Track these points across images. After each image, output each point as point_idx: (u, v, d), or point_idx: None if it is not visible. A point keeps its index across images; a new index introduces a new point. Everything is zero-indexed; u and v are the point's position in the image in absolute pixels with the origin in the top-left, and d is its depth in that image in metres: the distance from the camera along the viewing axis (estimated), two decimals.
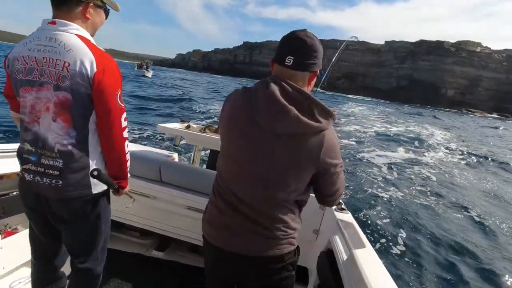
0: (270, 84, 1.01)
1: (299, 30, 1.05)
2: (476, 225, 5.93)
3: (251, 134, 1.03)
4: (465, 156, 13.33)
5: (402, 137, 16.52)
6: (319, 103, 1.00)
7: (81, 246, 1.35)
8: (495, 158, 13.47)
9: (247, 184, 1.08)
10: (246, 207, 1.09)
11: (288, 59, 1.01)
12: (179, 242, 2.34)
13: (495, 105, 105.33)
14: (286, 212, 1.10)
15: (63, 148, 1.17)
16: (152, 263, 2.29)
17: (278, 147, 1.01)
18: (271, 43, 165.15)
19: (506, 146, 19.48)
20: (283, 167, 1.03)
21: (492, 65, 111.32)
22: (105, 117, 1.18)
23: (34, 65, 1.12)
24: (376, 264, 1.24)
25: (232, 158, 1.10)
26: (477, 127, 35.16)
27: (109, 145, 1.24)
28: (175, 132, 2.49)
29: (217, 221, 1.16)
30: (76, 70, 1.11)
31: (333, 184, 1.12)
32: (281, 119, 0.98)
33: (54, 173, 1.18)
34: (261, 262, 1.11)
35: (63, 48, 1.11)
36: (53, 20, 1.14)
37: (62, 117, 1.15)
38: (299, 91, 1.00)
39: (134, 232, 2.46)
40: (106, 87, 1.15)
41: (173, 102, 18.56)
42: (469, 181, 9.25)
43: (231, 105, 1.09)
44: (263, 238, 1.09)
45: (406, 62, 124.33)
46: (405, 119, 31.35)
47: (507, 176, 10.55)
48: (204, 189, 2.19)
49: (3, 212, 1.71)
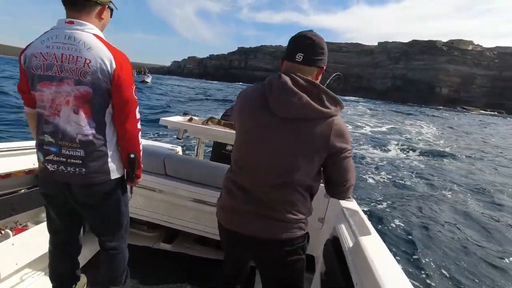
0: (282, 75, 1.10)
1: (306, 30, 1.16)
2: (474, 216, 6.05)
3: (264, 120, 1.11)
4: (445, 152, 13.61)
5: (390, 136, 16.82)
6: (327, 91, 1.09)
7: (107, 226, 1.48)
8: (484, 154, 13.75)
9: (260, 170, 1.15)
10: (259, 192, 1.15)
11: (298, 56, 1.11)
12: (186, 234, 2.39)
13: (490, 102, 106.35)
14: (298, 197, 1.16)
15: (85, 138, 1.26)
16: (160, 255, 2.34)
17: (290, 131, 1.09)
18: (265, 48, 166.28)
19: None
20: (295, 151, 1.10)
21: (485, 62, 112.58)
22: (122, 109, 1.30)
23: (53, 61, 1.20)
24: (382, 251, 1.25)
25: (246, 145, 1.18)
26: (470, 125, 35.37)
27: (125, 135, 1.34)
28: (178, 125, 2.51)
29: (231, 206, 1.22)
30: (97, 67, 1.21)
31: (344, 170, 1.16)
32: (293, 104, 1.05)
33: (77, 162, 1.28)
34: (273, 244, 1.18)
35: (83, 46, 1.20)
36: (71, 20, 1.22)
37: (83, 109, 1.24)
38: (308, 80, 1.09)
39: (142, 225, 2.52)
40: (124, 81, 1.26)
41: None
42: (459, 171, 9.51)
43: (244, 96, 1.19)
44: (275, 221, 1.15)
45: (400, 62, 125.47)
46: (399, 118, 31.70)
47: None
48: (209, 181, 2.21)
49: (12, 209, 1.76)
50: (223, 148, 3.14)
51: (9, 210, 1.75)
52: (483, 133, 25.14)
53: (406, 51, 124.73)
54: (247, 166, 1.18)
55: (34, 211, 1.97)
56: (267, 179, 1.14)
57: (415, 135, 18.47)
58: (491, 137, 22.90)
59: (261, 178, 1.15)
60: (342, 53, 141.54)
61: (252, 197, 1.16)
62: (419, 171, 9.32)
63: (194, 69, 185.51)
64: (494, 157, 13.59)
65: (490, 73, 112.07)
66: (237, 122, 1.22)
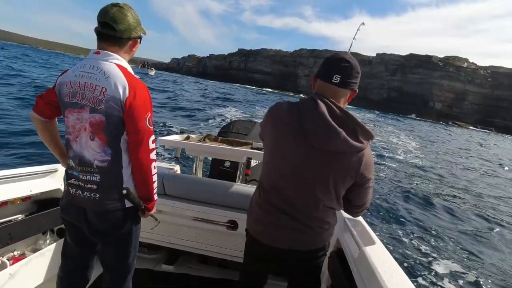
0: (319, 104, 1.10)
1: (343, 52, 1.20)
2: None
3: (299, 148, 1.14)
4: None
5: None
6: (362, 125, 1.11)
7: (113, 259, 1.45)
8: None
9: (293, 189, 1.20)
10: (290, 209, 1.22)
11: (336, 77, 1.12)
12: (188, 254, 2.33)
13: (480, 119, 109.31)
14: (325, 214, 1.24)
15: (101, 164, 1.28)
16: (163, 277, 2.29)
17: (324, 161, 1.13)
18: (265, 51, 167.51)
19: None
20: (326, 179, 1.15)
21: (478, 80, 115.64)
22: (134, 138, 1.28)
23: (77, 89, 1.26)
24: (387, 260, 1.25)
25: (278, 167, 1.22)
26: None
27: (137, 165, 1.32)
28: (175, 144, 2.49)
29: (263, 220, 1.28)
30: (111, 95, 1.23)
31: (364, 196, 1.25)
32: (332, 140, 1.08)
33: (92, 187, 1.29)
34: (301, 255, 1.28)
35: (103, 75, 1.24)
36: (98, 51, 1.29)
37: (98, 136, 1.27)
38: (345, 112, 1.12)
39: (143, 248, 2.42)
40: (136, 110, 1.25)
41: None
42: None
43: (278, 118, 1.21)
44: (304, 234, 1.24)
45: (396, 74, 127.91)
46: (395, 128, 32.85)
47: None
48: (209, 199, 2.19)
49: (9, 238, 1.70)
50: (221, 164, 3.11)
51: (6, 239, 1.68)
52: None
53: (403, 63, 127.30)
54: (279, 185, 1.22)
55: (32, 239, 1.94)
56: (298, 199, 1.20)
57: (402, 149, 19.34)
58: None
59: (293, 200, 1.21)
60: None
61: (284, 213, 1.22)
62: (420, 175, 9.76)
63: (193, 67, 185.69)
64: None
65: (482, 90, 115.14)
66: (270, 141, 1.24)
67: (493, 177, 13.68)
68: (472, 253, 4.85)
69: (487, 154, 23.89)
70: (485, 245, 5.33)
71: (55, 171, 1.98)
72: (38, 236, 1.97)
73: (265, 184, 1.28)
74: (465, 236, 5.53)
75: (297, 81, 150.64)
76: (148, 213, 1.44)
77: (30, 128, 7.19)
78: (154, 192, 1.41)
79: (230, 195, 2.14)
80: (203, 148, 2.42)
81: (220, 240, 2.14)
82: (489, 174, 14.31)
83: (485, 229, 6.21)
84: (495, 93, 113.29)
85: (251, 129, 3.21)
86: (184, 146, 2.47)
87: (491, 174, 14.31)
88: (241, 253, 2.03)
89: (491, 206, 8.08)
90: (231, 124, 3.42)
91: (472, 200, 8.42)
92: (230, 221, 2.07)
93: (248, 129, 3.21)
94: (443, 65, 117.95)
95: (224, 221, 2.08)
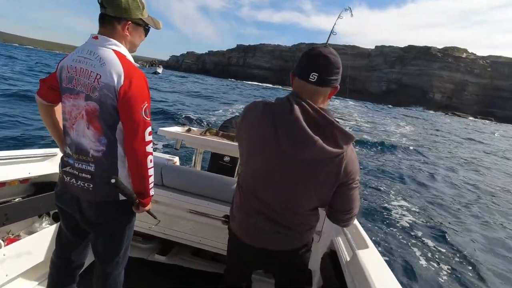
0: (294, 108, 1.01)
1: (321, 46, 1.10)
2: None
3: (273, 153, 1.07)
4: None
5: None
6: (341, 129, 1.03)
7: (106, 248, 1.42)
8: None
9: (270, 194, 1.15)
10: (269, 212, 1.17)
11: (313, 76, 1.03)
12: (182, 246, 2.35)
13: (480, 109, 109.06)
14: (307, 217, 1.21)
15: (96, 153, 1.24)
16: (155, 267, 2.30)
17: (301, 168, 1.06)
18: (264, 46, 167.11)
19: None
20: (306, 185, 1.09)
21: (477, 70, 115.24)
22: (128, 128, 1.22)
23: (74, 75, 1.22)
24: (379, 264, 1.25)
25: (254, 170, 1.17)
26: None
27: (131, 157, 1.26)
28: (176, 136, 2.49)
29: (242, 220, 1.26)
30: (105, 83, 1.17)
31: (349, 200, 1.16)
32: (307, 148, 1.01)
33: (86, 177, 1.25)
34: (284, 254, 1.26)
35: (98, 61, 1.18)
36: (96, 35, 1.24)
37: (93, 124, 1.22)
38: (323, 116, 1.03)
39: (137, 236, 2.40)
40: (131, 100, 1.18)
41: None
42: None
43: (252, 121, 1.12)
44: (284, 235, 1.21)
45: (395, 66, 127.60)
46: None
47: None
48: (206, 192, 2.20)
49: (6, 219, 1.70)
50: (220, 159, 3.11)
51: (2, 220, 1.69)
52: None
53: (402, 56, 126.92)
54: (256, 188, 1.18)
55: (27, 221, 1.94)
56: (277, 206, 1.16)
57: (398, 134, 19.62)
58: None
59: (271, 204, 1.16)
60: (339, 55, 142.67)
61: (263, 216, 1.19)
62: (415, 174, 9.57)
63: (192, 64, 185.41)
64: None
65: (482, 81, 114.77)
66: (244, 144, 1.18)
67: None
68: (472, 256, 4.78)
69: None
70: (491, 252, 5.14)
71: (54, 155, 2.02)
72: (34, 218, 2.00)
73: (244, 186, 1.25)
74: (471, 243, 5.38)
75: None
76: (143, 209, 1.38)
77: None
78: (150, 187, 1.34)
79: (228, 190, 2.14)
80: (203, 142, 2.45)
81: (215, 234, 2.16)
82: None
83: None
84: (495, 83, 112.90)
85: None
86: (185, 139, 2.50)
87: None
88: None
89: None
90: (232, 119, 3.42)
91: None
92: (226, 215, 2.19)
93: None
94: (442, 56, 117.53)
95: (220, 215, 2.07)
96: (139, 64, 58.38)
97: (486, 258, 4.86)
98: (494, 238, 5.76)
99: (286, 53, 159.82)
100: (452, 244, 5.17)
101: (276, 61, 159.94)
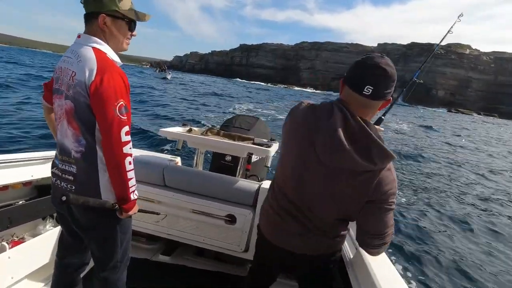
0: (335, 112, 1.00)
1: (378, 56, 1.01)
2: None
3: (308, 154, 1.06)
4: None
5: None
6: (379, 144, 0.97)
7: (98, 254, 1.38)
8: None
9: (299, 196, 1.14)
10: (298, 213, 1.16)
11: (367, 89, 0.98)
12: (185, 246, 2.34)
13: (484, 106, 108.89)
14: (333, 224, 1.16)
15: (76, 154, 1.20)
16: (159, 267, 2.30)
17: (330, 174, 1.04)
18: (267, 45, 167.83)
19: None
20: (334, 193, 1.06)
21: (481, 67, 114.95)
22: (102, 128, 1.14)
23: (59, 75, 1.22)
24: (383, 261, 1.22)
25: (288, 169, 1.15)
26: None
27: (107, 159, 1.18)
28: (177, 136, 2.48)
29: (272, 220, 1.25)
30: (78, 79, 1.13)
31: (377, 221, 1.07)
32: (338, 156, 0.98)
33: (69, 178, 1.22)
34: (311, 258, 1.22)
35: (76, 59, 1.16)
36: (79, 34, 1.22)
37: (72, 124, 1.19)
38: (361, 127, 0.98)
39: (141, 237, 2.44)
40: (103, 96, 1.11)
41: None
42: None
43: (295, 119, 1.12)
44: (312, 240, 1.18)
45: (398, 64, 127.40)
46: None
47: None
48: (208, 192, 2.19)
49: (9, 222, 1.71)
50: (222, 158, 3.07)
51: (6, 223, 1.69)
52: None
53: (405, 53, 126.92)
54: (288, 192, 1.17)
55: (31, 224, 1.94)
56: (307, 209, 1.14)
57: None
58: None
59: (300, 207, 1.15)
60: (342, 53, 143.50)
61: (292, 216, 1.17)
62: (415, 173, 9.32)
63: (196, 64, 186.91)
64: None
65: (485, 77, 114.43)
66: (283, 142, 1.18)
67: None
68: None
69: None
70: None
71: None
72: (38, 221, 2.00)
73: (276, 184, 1.25)
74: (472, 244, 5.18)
75: (300, 74, 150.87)
76: (127, 215, 1.28)
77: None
78: (131, 191, 1.23)
79: (230, 189, 2.15)
80: (204, 142, 2.44)
81: (218, 233, 2.16)
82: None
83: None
84: (499, 79, 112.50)
85: (253, 125, 3.20)
86: (186, 139, 2.48)
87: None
88: (238, 247, 2.13)
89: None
90: (233, 118, 3.39)
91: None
92: (229, 215, 2.09)
93: (250, 125, 3.20)
94: (446, 53, 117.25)
95: (223, 214, 2.09)
96: (144, 64, 58.94)
97: (493, 260, 4.64)
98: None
99: (289, 52, 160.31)
100: (462, 241, 5.02)
101: (279, 60, 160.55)
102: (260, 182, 2.21)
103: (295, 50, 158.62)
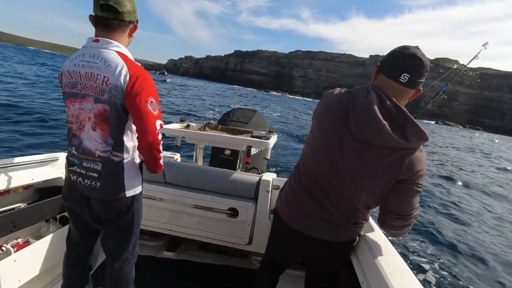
0: (371, 93, 1.02)
1: (414, 47, 1.05)
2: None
3: (341, 133, 1.06)
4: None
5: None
6: (414, 122, 1.00)
7: (114, 246, 1.45)
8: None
9: (328, 176, 1.12)
10: (322, 196, 1.15)
11: (404, 76, 1.01)
12: (189, 241, 2.38)
13: (470, 119, 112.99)
14: (358, 209, 1.15)
15: (103, 154, 1.27)
16: (165, 264, 2.32)
17: (364, 151, 1.04)
18: (262, 52, 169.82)
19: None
20: (364, 172, 1.06)
21: (467, 81, 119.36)
22: (139, 123, 1.25)
23: (78, 79, 1.24)
24: (386, 247, 1.23)
25: (319, 149, 1.15)
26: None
27: (144, 146, 1.29)
28: (175, 133, 2.49)
29: (293, 203, 1.25)
30: (113, 84, 1.20)
31: (406, 201, 1.08)
32: (372, 131, 0.99)
33: (93, 175, 1.29)
34: (327, 244, 1.22)
35: (103, 63, 1.21)
36: (97, 39, 1.25)
37: (100, 127, 1.25)
38: (397, 106, 1.01)
39: (144, 235, 2.46)
40: (137, 95, 1.21)
41: None
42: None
43: (329, 101, 1.13)
44: (333, 225, 1.17)
45: None
46: None
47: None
48: (209, 186, 2.20)
49: (13, 226, 1.71)
50: (221, 153, 3.08)
51: (10, 227, 1.70)
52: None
53: None
54: (315, 173, 1.16)
55: (35, 227, 1.97)
56: (333, 191, 1.13)
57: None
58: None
59: (328, 189, 1.14)
60: (335, 63, 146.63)
61: (315, 199, 1.17)
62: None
63: (190, 68, 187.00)
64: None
65: (472, 91, 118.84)
66: (315, 125, 1.17)
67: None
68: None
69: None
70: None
71: (56, 160, 2.02)
72: (41, 224, 2.02)
73: (302, 165, 1.25)
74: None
75: (293, 82, 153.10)
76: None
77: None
78: (161, 162, 1.38)
79: (230, 183, 2.18)
80: (203, 137, 2.45)
81: (221, 227, 2.19)
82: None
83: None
84: (484, 94, 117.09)
85: (251, 118, 3.21)
86: (184, 135, 2.49)
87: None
88: (241, 239, 2.17)
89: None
90: (231, 112, 3.38)
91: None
92: (231, 208, 2.13)
93: (248, 118, 3.20)
94: (434, 67, 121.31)
95: (225, 208, 2.12)
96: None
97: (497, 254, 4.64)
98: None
99: (282, 59, 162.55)
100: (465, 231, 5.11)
101: (272, 67, 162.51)
102: (261, 175, 2.23)
103: (289, 58, 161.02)
